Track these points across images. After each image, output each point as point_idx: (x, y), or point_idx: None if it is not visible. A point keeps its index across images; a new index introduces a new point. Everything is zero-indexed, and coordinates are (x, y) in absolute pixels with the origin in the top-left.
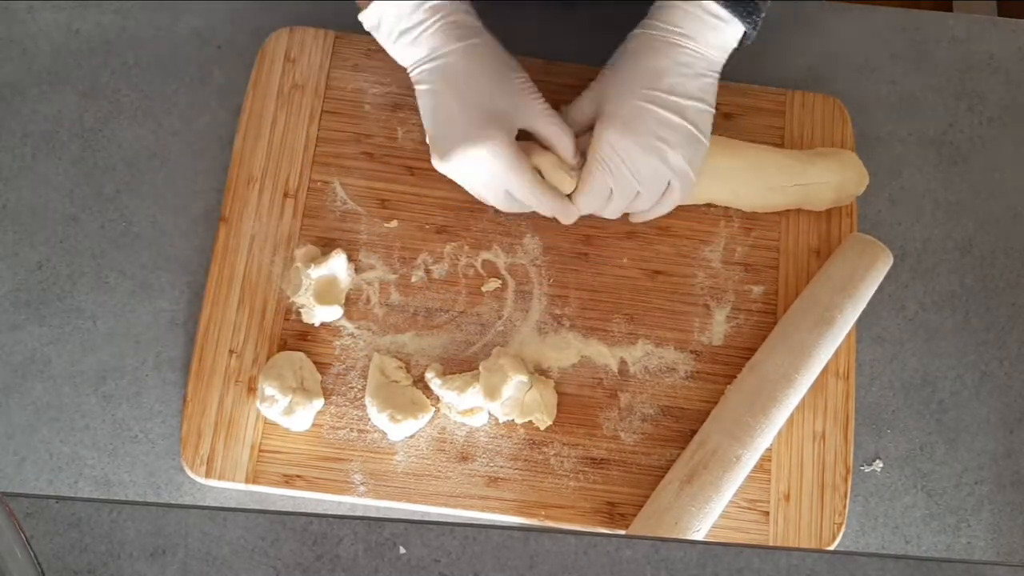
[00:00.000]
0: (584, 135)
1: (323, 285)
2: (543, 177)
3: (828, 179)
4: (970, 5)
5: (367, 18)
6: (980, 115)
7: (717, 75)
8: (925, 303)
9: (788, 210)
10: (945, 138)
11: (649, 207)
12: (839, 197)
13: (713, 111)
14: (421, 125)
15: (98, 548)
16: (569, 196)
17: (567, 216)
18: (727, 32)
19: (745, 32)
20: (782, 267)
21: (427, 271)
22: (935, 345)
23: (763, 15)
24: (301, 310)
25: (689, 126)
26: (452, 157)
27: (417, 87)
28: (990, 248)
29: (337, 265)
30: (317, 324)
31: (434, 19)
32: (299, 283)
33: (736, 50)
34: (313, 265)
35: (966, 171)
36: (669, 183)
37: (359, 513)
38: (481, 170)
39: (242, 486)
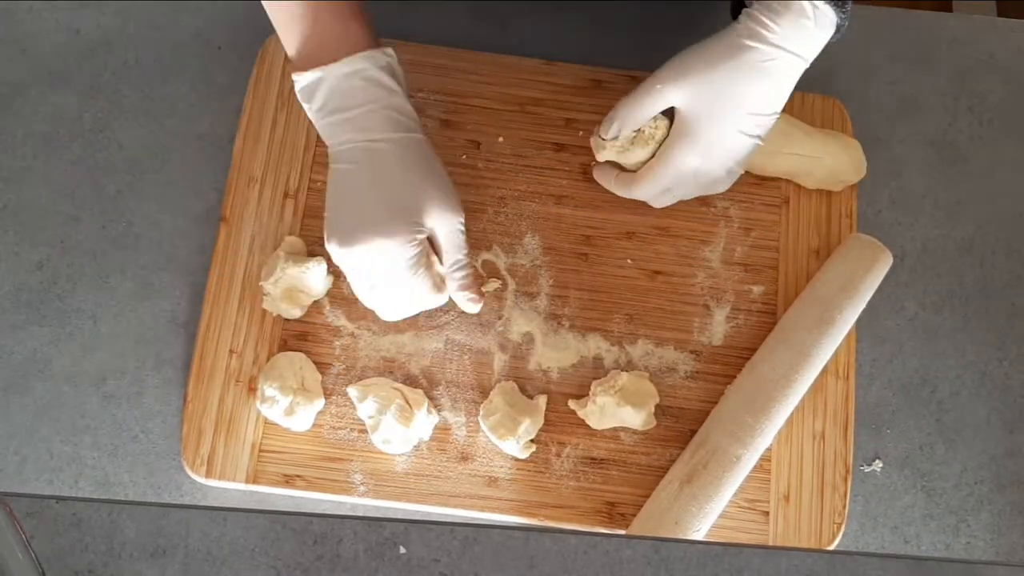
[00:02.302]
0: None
1: (293, 285)
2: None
3: (823, 156)
4: (970, 5)
5: (301, 82)
6: (980, 115)
7: (792, 77)
8: (925, 303)
9: (784, 210)
10: (945, 138)
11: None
12: (830, 179)
13: (778, 116)
14: (421, 125)
15: (98, 548)
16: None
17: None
18: (813, 38)
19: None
20: (782, 267)
21: None
22: (935, 345)
23: (850, 5)
24: (264, 296)
25: (758, 140)
26: (356, 244)
27: (334, 165)
28: (990, 248)
29: (314, 274)
30: (273, 314)
31: (371, 106)
32: (272, 269)
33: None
34: (292, 261)
35: (966, 171)
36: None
37: (359, 513)
38: (381, 264)
39: (242, 486)
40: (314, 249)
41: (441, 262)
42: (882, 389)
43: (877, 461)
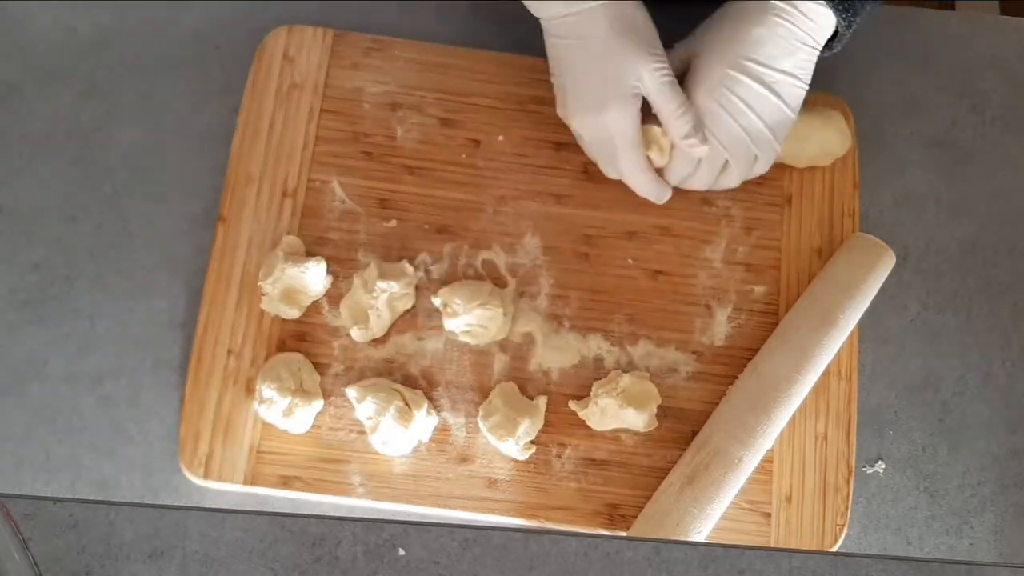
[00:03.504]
0: None
1: (292, 285)
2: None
3: (809, 132)
4: (973, 5)
5: None
6: (983, 114)
7: (815, 53)
8: (928, 303)
9: (787, 209)
10: (948, 137)
11: (737, 183)
12: (821, 155)
13: (806, 87)
14: (420, 124)
15: (96, 550)
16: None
17: (659, 198)
18: (824, 16)
19: (837, 30)
20: (784, 267)
21: (427, 271)
22: (938, 346)
23: (858, 17)
24: (263, 296)
25: (777, 100)
26: (577, 115)
27: (551, 39)
28: (993, 248)
29: (313, 274)
30: (272, 314)
31: None
32: (271, 269)
33: (828, 50)
34: (290, 261)
35: (969, 171)
36: (756, 157)
37: (358, 515)
38: (600, 134)
39: (240, 487)
40: (313, 249)
41: (660, 117)
42: (885, 390)
43: (880, 462)
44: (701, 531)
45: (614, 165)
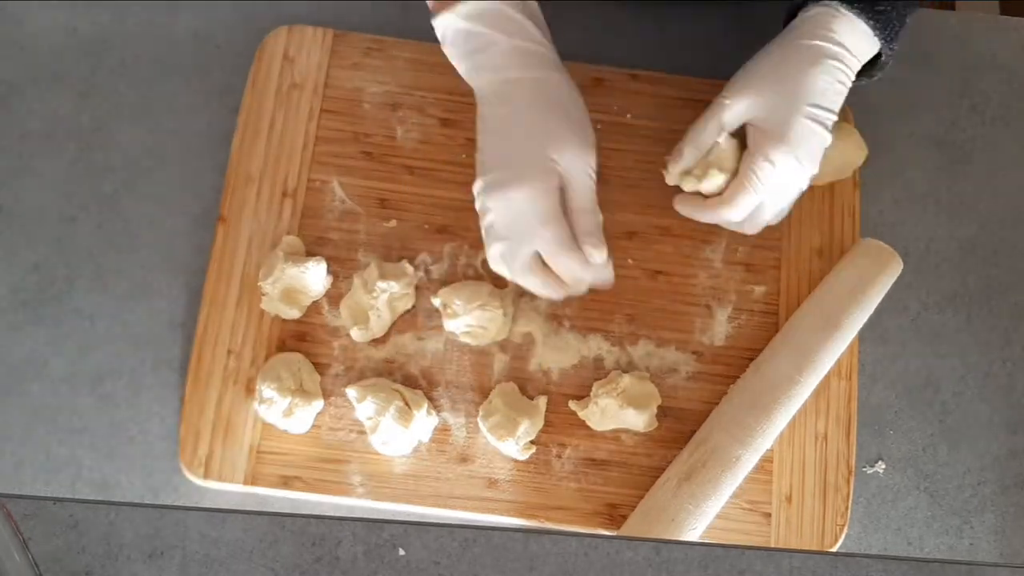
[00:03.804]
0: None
1: (292, 285)
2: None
3: (828, 152)
4: (972, 4)
5: (439, 27)
6: (983, 114)
7: (850, 84)
8: (928, 303)
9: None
10: (948, 137)
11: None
12: (843, 167)
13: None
14: (420, 124)
15: (96, 550)
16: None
17: (559, 293)
18: (868, 44)
19: (879, 57)
20: (784, 267)
21: (427, 271)
22: (938, 346)
23: (897, 43)
24: (263, 297)
25: (828, 136)
26: (494, 191)
27: (480, 107)
28: (993, 248)
29: (313, 274)
30: (272, 314)
31: (504, 41)
32: (271, 269)
33: (869, 78)
34: (290, 261)
35: (969, 170)
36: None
37: (358, 515)
38: (515, 215)
39: (240, 487)
40: (313, 249)
41: (568, 210)
42: (885, 390)
43: (880, 462)
44: (696, 528)
45: (531, 248)
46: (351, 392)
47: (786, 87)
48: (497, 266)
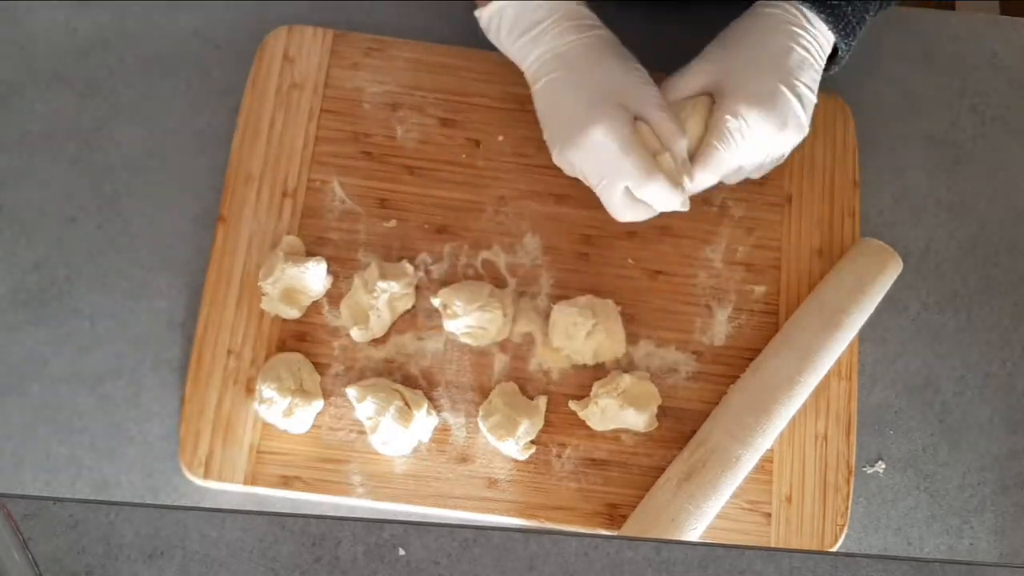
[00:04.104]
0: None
1: (292, 285)
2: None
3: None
4: (972, 4)
5: (484, 16)
6: (983, 114)
7: (821, 69)
8: (928, 303)
9: (787, 209)
10: (948, 137)
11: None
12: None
13: (815, 103)
14: (420, 124)
15: (96, 550)
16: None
17: (684, 204)
18: (826, 37)
19: (836, 48)
20: (784, 267)
21: (427, 271)
22: (938, 346)
23: (855, 42)
24: (263, 297)
25: (803, 116)
26: (570, 143)
27: (535, 85)
28: (993, 248)
29: (313, 274)
30: (272, 314)
31: (552, 18)
32: (271, 269)
33: (826, 72)
34: (290, 261)
35: (969, 170)
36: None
37: (358, 515)
38: (599, 154)
39: (240, 487)
40: (313, 249)
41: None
42: (885, 390)
43: (880, 462)
44: (696, 528)
45: (627, 195)
46: (351, 392)
47: (750, 51)
48: (612, 209)
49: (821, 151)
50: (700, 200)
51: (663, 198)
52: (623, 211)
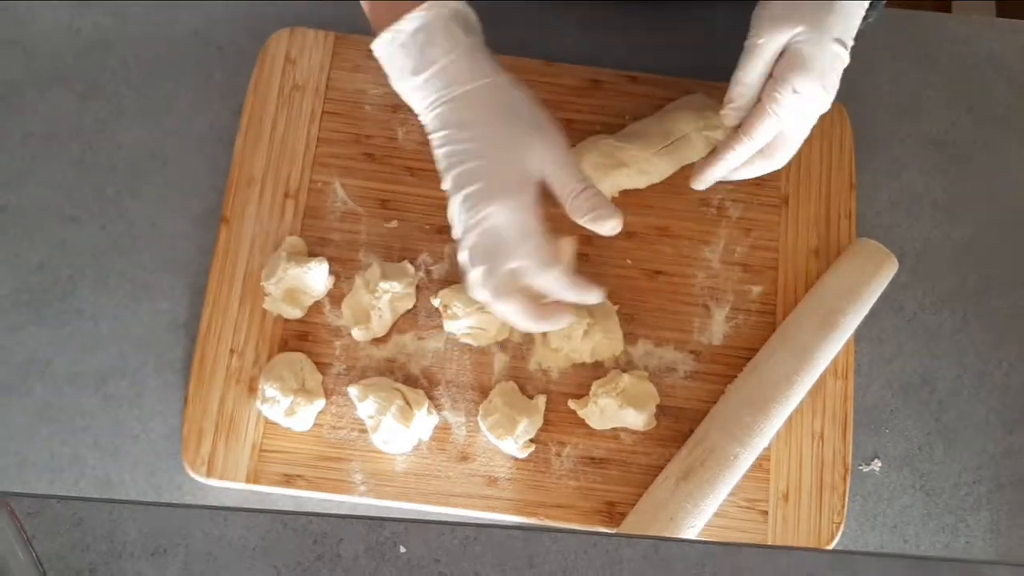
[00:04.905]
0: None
1: (294, 286)
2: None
3: (695, 125)
4: (969, 6)
5: (377, 50)
6: (980, 115)
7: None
8: (924, 304)
9: (784, 210)
10: (945, 138)
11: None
12: (709, 140)
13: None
14: (420, 125)
15: (99, 548)
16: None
17: (556, 322)
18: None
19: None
20: (781, 267)
21: (427, 271)
22: (934, 345)
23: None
24: (265, 297)
25: (837, 78)
26: (469, 213)
27: (432, 137)
28: (990, 248)
29: (315, 274)
30: (274, 314)
31: (449, 55)
32: (274, 269)
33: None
34: (293, 262)
35: (966, 172)
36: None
37: (360, 513)
38: (493, 235)
39: (243, 486)
40: (315, 249)
41: (560, 202)
42: (881, 389)
43: (876, 461)
44: (695, 526)
45: (506, 265)
46: (353, 391)
47: (813, 17)
48: (479, 292)
49: (818, 152)
50: (698, 201)
51: (552, 288)
52: (502, 300)
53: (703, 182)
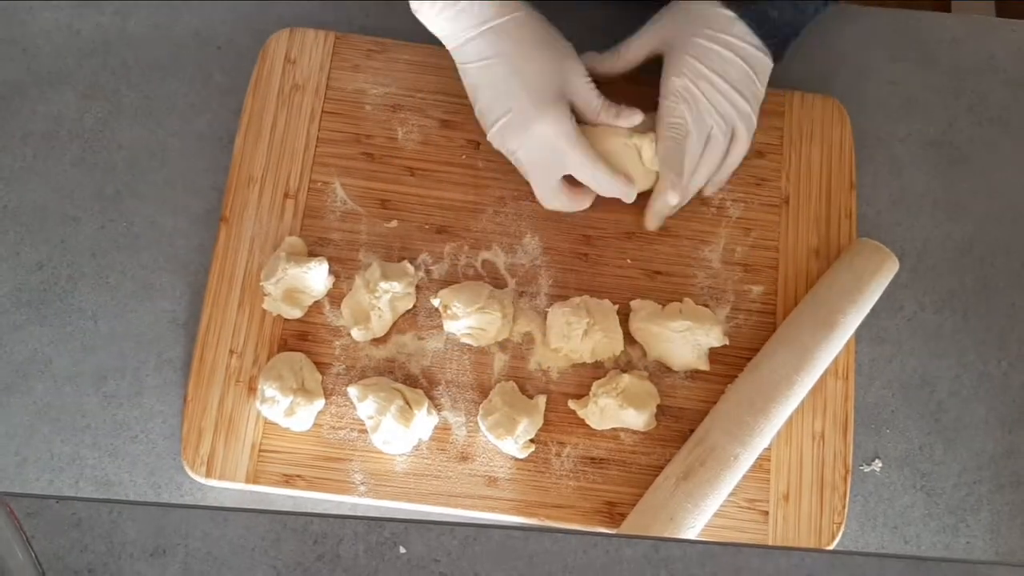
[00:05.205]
0: (629, 71)
1: (294, 285)
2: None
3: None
4: (968, 6)
5: None
6: (979, 115)
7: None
8: (924, 303)
9: (784, 210)
10: (945, 138)
11: (718, 161)
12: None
13: (771, 64)
14: (420, 126)
15: (99, 548)
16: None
17: (628, 194)
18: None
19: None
20: (781, 267)
21: (427, 271)
22: (934, 345)
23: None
24: (265, 296)
25: (748, 68)
26: (512, 134)
27: (463, 67)
28: (989, 248)
29: (315, 274)
30: (274, 314)
31: None
32: (274, 269)
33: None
34: (292, 261)
35: (966, 171)
36: (734, 131)
37: (359, 513)
38: (542, 147)
39: (242, 486)
40: (314, 249)
41: (587, 115)
42: (881, 389)
43: (876, 461)
44: (695, 526)
45: (557, 188)
46: (352, 391)
47: (687, 15)
48: (552, 203)
49: (818, 152)
50: (698, 201)
51: (603, 182)
52: (553, 199)
53: (652, 223)
